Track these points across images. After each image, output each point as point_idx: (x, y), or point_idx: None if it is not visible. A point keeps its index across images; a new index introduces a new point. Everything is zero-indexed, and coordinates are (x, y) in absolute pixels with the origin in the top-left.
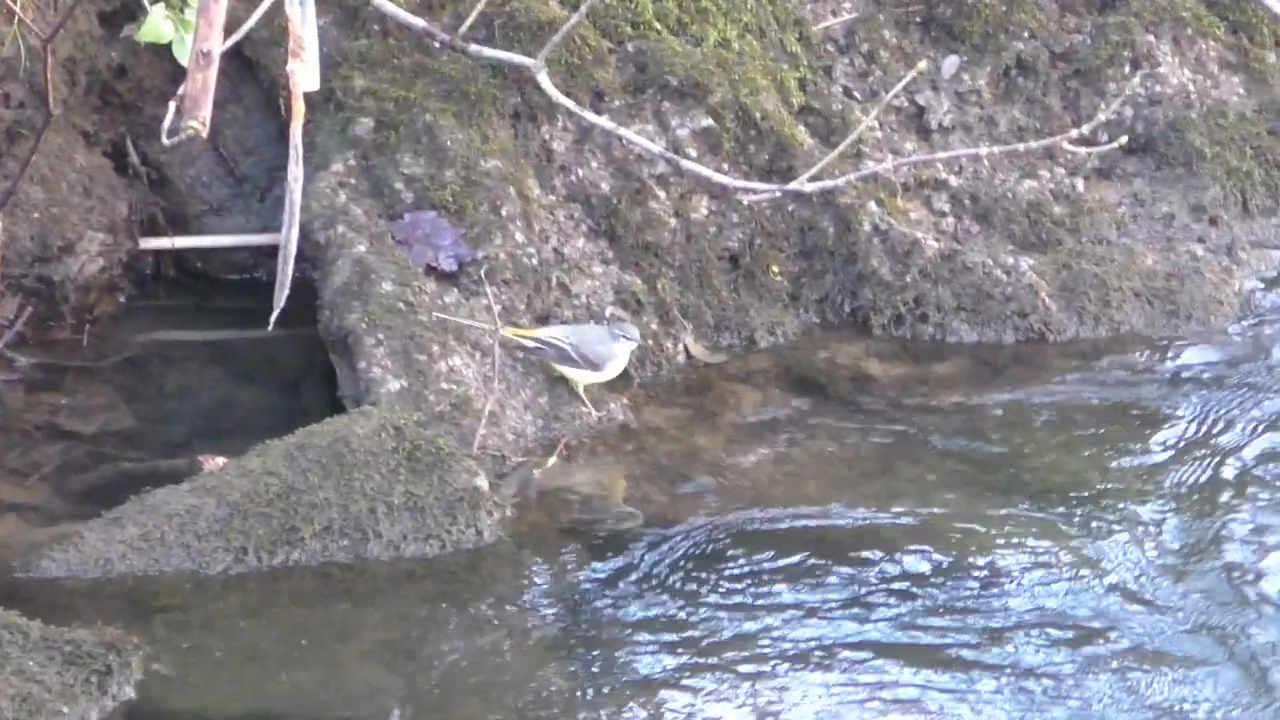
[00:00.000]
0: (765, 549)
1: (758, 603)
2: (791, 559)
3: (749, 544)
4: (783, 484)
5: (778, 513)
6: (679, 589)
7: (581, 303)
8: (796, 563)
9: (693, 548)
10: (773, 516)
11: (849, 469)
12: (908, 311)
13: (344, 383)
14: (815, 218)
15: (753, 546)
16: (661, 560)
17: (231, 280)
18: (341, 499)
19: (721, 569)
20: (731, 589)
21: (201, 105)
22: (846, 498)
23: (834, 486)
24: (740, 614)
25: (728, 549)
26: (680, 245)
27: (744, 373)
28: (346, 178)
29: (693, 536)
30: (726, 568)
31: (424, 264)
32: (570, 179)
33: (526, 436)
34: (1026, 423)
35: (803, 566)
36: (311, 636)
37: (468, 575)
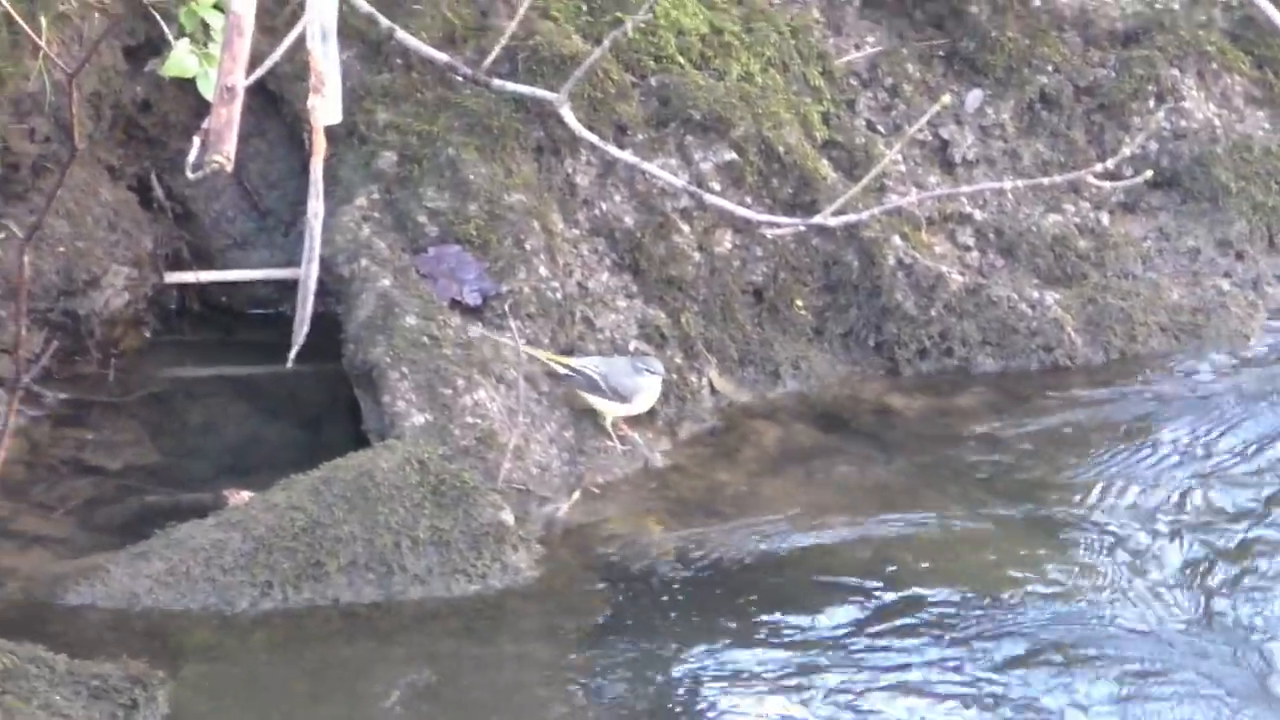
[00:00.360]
0: (791, 584)
1: (784, 638)
2: (818, 594)
3: (775, 579)
4: (808, 518)
5: (803, 548)
6: (705, 625)
7: (605, 337)
8: (823, 598)
9: (718, 583)
10: (798, 552)
11: (873, 503)
12: (932, 345)
13: (368, 417)
14: (839, 251)
15: (778, 582)
16: (688, 596)
17: (256, 315)
18: (367, 533)
19: (747, 604)
20: (758, 624)
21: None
22: (871, 532)
23: (858, 521)
24: (768, 649)
25: (753, 584)
26: (704, 279)
27: (768, 408)
28: (370, 211)
29: (718, 572)
30: (752, 603)
31: (448, 298)
32: (594, 213)
33: (551, 470)
34: (1051, 454)
35: (829, 601)
36: (336, 673)
37: (493, 611)
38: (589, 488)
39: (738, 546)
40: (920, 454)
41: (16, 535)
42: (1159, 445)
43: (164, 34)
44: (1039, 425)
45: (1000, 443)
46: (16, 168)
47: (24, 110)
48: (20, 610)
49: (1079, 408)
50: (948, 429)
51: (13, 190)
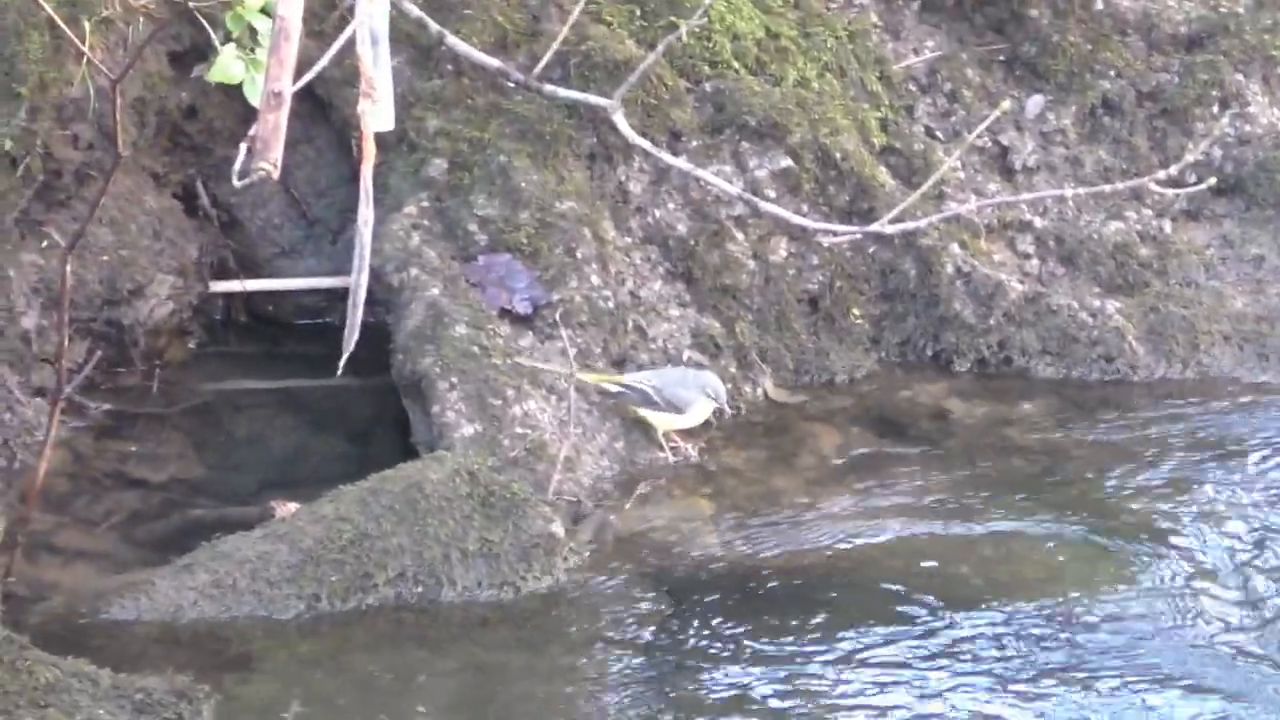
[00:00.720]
0: (847, 595)
1: (839, 652)
2: (874, 606)
3: (830, 589)
4: (864, 526)
5: (858, 557)
6: (760, 637)
7: (658, 346)
8: (880, 610)
9: (773, 593)
10: (853, 561)
11: (930, 511)
12: (991, 355)
13: (417, 428)
14: (897, 260)
15: (834, 592)
16: (741, 607)
17: (302, 325)
18: (415, 545)
19: (802, 615)
20: (812, 636)
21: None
22: (928, 541)
23: (914, 529)
24: (822, 663)
25: (808, 594)
26: (759, 288)
27: (823, 413)
28: (420, 219)
29: (772, 582)
30: (807, 614)
31: (498, 307)
32: (647, 220)
33: (603, 480)
34: (1114, 467)
35: (885, 615)
36: (385, 686)
37: (542, 622)
38: (641, 496)
39: (795, 555)
40: (978, 463)
41: (59, 550)
42: (1225, 457)
43: (210, 39)
44: (1101, 436)
45: (1061, 453)
46: (59, 174)
47: (67, 116)
48: (63, 624)
49: (1142, 419)
50: (1006, 438)
51: (55, 198)
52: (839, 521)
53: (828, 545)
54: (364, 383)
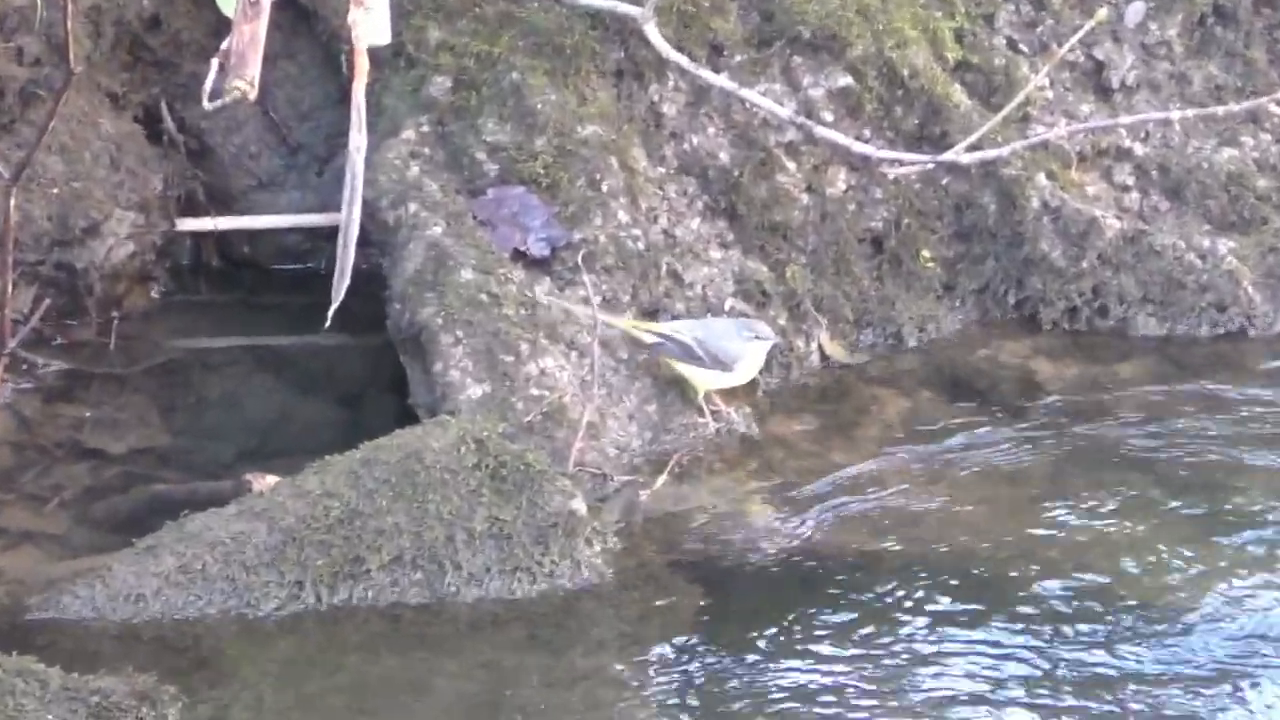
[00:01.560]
0: (915, 587)
1: (906, 653)
2: (946, 599)
3: (895, 581)
4: (935, 507)
5: (930, 543)
6: (813, 636)
7: (696, 294)
8: (951, 603)
9: (830, 586)
10: (924, 547)
11: (1014, 489)
12: (1084, 304)
13: (416, 388)
14: (974, 193)
15: (899, 584)
16: (793, 600)
17: (284, 271)
18: (414, 525)
19: (863, 611)
20: (874, 636)
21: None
22: (1011, 524)
23: (996, 510)
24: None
25: (870, 587)
26: (813, 226)
27: (889, 375)
28: (419, 147)
29: (828, 572)
30: (869, 610)
31: (510, 248)
32: (683, 148)
33: (631, 451)
34: (1225, 435)
35: (959, 608)
36: (378, 688)
37: (561, 617)
38: (676, 470)
39: (854, 542)
40: (1069, 432)
41: (2, 531)
42: None
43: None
44: (1211, 400)
45: (1164, 421)
46: (2, 94)
47: (10, 28)
48: (8, 617)
49: (1259, 379)
50: (1101, 403)
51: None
52: (905, 502)
53: (892, 530)
54: (355, 338)
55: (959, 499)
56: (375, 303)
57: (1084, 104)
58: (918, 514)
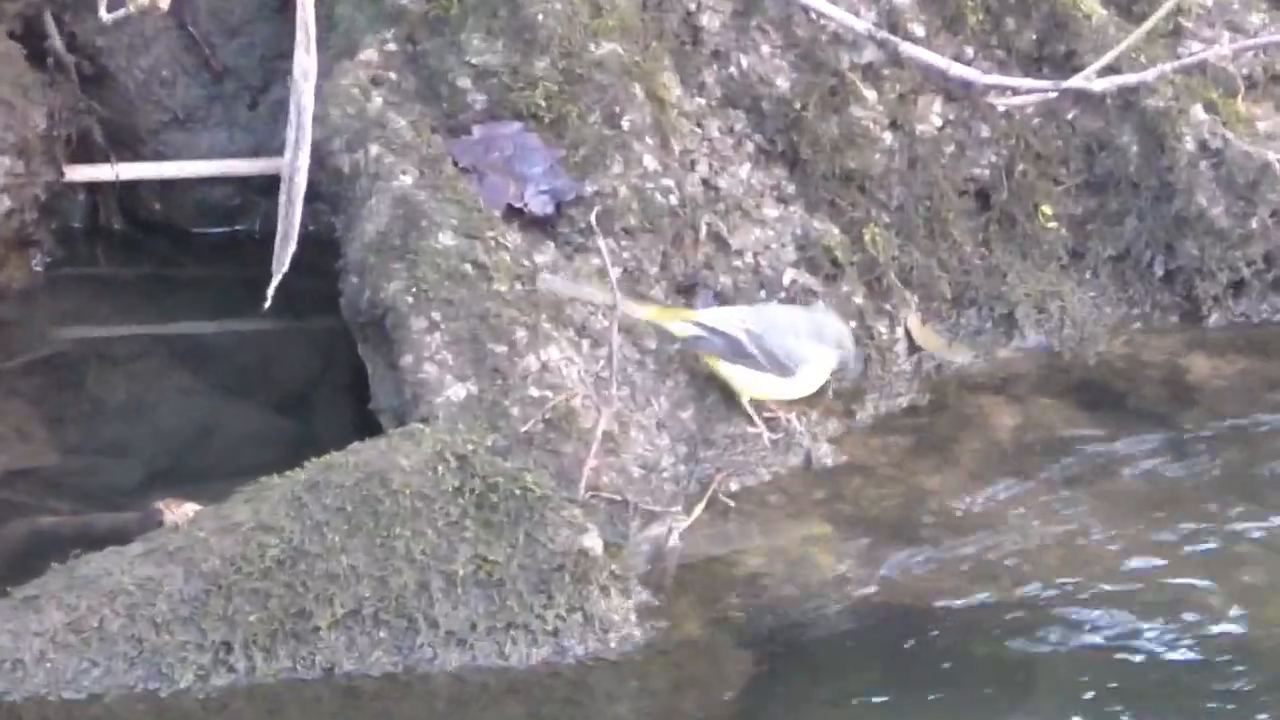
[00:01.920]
0: (1025, 653)
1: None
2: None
3: (999, 646)
4: (1058, 547)
5: (1051, 596)
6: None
7: (746, 263)
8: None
9: (913, 652)
10: (1038, 600)
11: (1161, 521)
12: (1254, 275)
13: (379, 388)
14: (1109, 131)
15: (1004, 649)
16: (865, 673)
17: (207, 235)
18: (376, 568)
19: (955, 686)
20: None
21: None
22: (1157, 568)
23: (1138, 551)
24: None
25: (968, 652)
26: (899, 174)
27: (998, 377)
28: (383, 71)
29: (913, 634)
30: (963, 684)
31: (502, 204)
32: (728, 73)
33: (661, 471)
34: None
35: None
36: None
37: (570, 691)
38: (719, 498)
39: (946, 595)
40: (1233, 448)
41: None
42: None
43: None
44: None
45: None
46: None
47: None
48: None
49: None
50: (1274, 413)
51: None
52: (1016, 543)
53: (997, 578)
54: (299, 322)
55: (1087, 534)
56: (326, 276)
57: (1254, 13)
58: (1031, 557)
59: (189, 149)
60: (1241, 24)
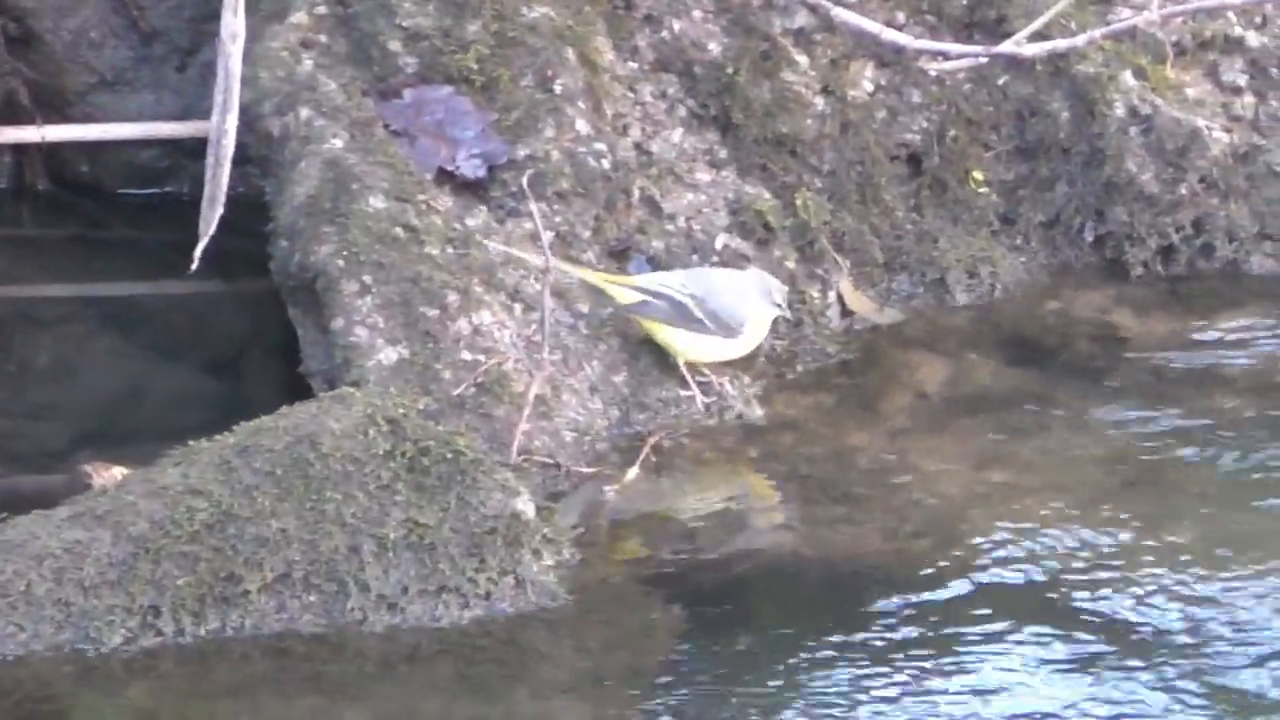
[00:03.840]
0: (958, 603)
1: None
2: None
3: (926, 596)
4: (986, 502)
5: (974, 547)
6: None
7: (679, 227)
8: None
9: (843, 603)
10: (965, 552)
11: (1087, 480)
12: (1183, 241)
13: (309, 352)
14: (1040, 97)
15: (931, 600)
16: (798, 624)
17: (134, 197)
18: (307, 531)
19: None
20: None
21: None
22: (1083, 524)
23: (1065, 507)
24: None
25: (896, 605)
26: (831, 140)
27: (928, 333)
28: (313, 33)
29: (843, 586)
30: (890, 634)
31: (434, 167)
32: (661, 36)
33: (594, 434)
34: None
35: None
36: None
37: (502, 651)
38: (652, 460)
39: (876, 548)
40: (1165, 406)
41: None
42: None
43: None
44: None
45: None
46: None
47: None
48: None
49: None
50: (1208, 369)
51: None
52: (944, 497)
53: (925, 532)
54: (228, 284)
55: (1014, 490)
56: (256, 237)
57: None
58: (960, 511)
59: (117, 111)
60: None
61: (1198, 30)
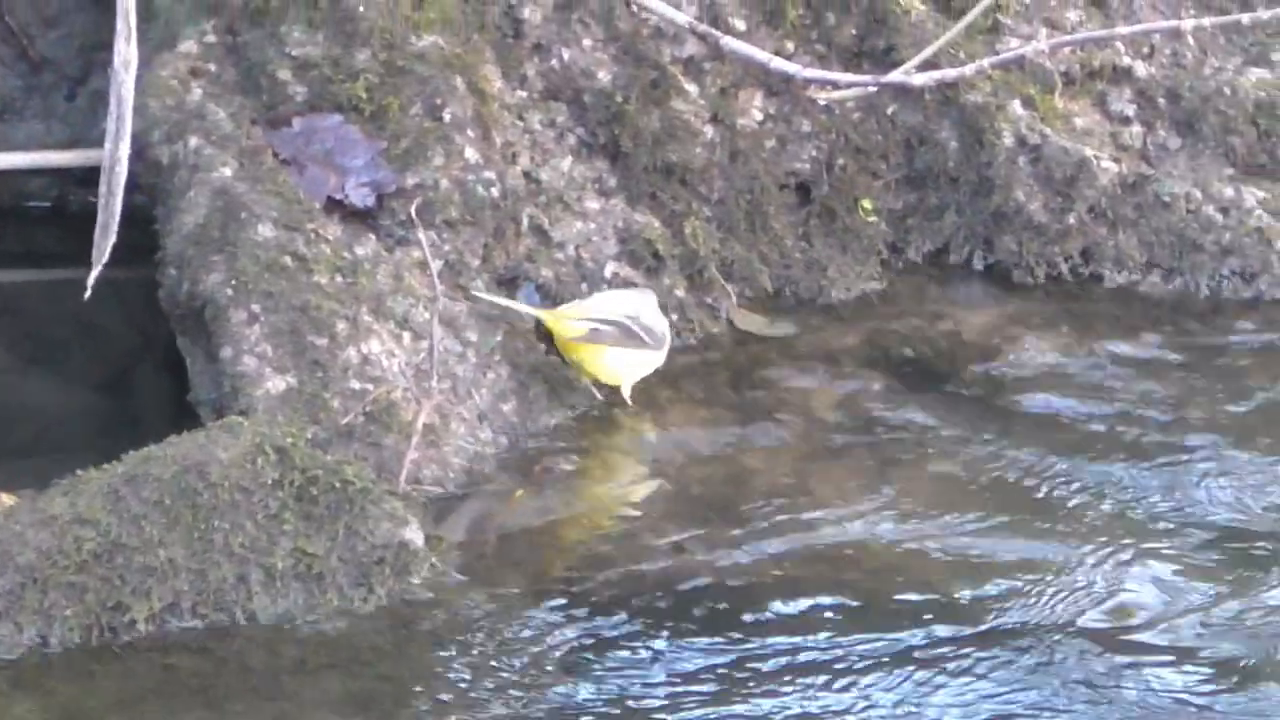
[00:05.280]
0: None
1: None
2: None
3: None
4: (872, 521)
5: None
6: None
7: (568, 255)
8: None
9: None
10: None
11: (977, 500)
12: (1071, 270)
13: (198, 380)
14: (929, 126)
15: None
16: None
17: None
18: (195, 561)
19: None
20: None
21: None
22: (973, 547)
23: (949, 524)
24: None
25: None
26: (721, 168)
27: (820, 353)
28: (203, 62)
29: (734, 604)
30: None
31: (323, 196)
32: (549, 65)
33: (484, 462)
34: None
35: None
36: None
37: (393, 669)
38: (541, 479)
39: (766, 567)
40: (1055, 430)
41: None
42: None
43: None
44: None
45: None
46: None
47: None
48: None
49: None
50: (1095, 389)
51: None
52: (834, 515)
53: (816, 552)
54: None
55: (903, 510)
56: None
57: (1071, 9)
58: (849, 530)
59: (5, 140)
60: (1059, 21)
61: (1086, 60)
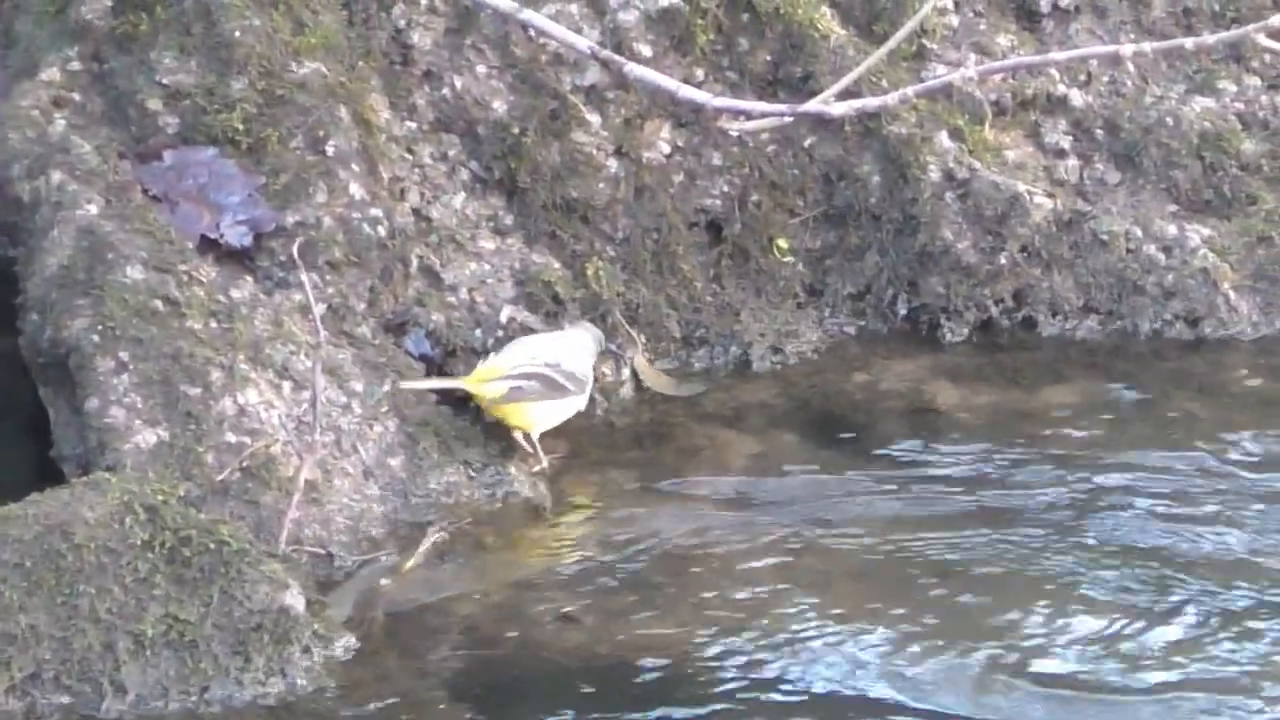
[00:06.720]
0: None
1: None
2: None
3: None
4: (788, 592)
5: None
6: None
7: (461, 299)
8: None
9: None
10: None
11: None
12: (1003, 314)
13: (61, 434)
14: (849, 159)
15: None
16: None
17: None
18: (59, 628)
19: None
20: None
21: None
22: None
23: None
24: None
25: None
26: (625, 205)
27: (730, 409)
28: (67, 91)
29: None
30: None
31: (196, 235)
32: (441, 94)
33: (370, 521)
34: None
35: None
36: None
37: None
38: (433, 548)
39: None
40: (977, 488)
41: None
42: None
43: None
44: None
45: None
46: None
47: None
48: None
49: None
50: (1029, 445)
51: None
52: (747, 586)
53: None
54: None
55: (820, 579)
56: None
57: (1002, 34)
58: (764, 601)
59: None
60: (989, 46)
61: (1018, 88)
